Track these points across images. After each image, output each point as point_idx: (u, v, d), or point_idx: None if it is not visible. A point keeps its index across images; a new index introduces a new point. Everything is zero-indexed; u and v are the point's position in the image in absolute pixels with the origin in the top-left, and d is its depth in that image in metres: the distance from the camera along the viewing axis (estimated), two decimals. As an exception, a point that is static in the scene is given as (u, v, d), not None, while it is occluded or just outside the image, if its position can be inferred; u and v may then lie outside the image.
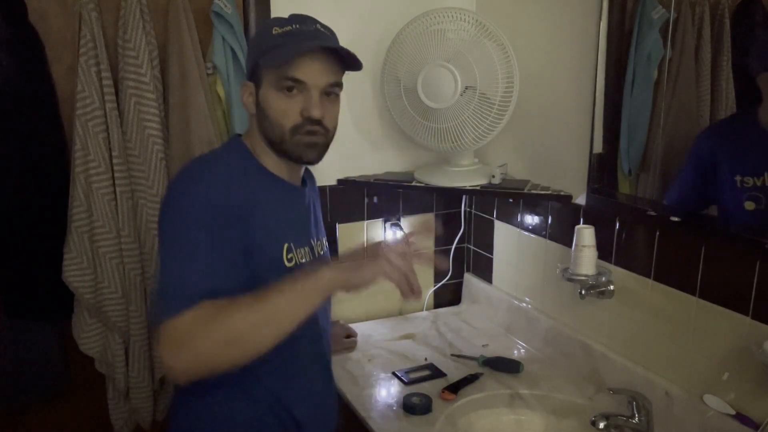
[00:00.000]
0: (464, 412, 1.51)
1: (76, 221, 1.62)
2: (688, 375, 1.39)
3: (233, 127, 1.71)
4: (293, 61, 1.11)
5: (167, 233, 1.09)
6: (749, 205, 1.24)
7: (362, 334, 1.90)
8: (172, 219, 1.09)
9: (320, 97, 1.15)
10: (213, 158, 1.19)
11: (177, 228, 1.07)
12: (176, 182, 1.15)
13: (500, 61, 1.65)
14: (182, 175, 1.14)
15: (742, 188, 1.25)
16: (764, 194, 1.22)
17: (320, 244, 1.31)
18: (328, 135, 1.20)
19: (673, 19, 1.33)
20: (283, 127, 1.15)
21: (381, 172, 1.98)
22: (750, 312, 1.24)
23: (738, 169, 1.26)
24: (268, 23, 1.19)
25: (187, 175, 1.13)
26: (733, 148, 1.30)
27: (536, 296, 1.86)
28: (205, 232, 1.05)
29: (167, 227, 1.09)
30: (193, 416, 1.21)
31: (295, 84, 1.13)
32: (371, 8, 1.87)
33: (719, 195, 1.31)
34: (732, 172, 1.27)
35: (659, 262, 1.44)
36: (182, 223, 1.07)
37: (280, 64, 1.12)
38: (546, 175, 1.78)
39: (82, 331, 1.70)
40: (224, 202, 1.08)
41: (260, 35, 1.20)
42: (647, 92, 1.42)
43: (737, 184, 1.26)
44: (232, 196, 1.10)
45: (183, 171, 1.15)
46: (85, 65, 1.56)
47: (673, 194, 1.44)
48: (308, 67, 1.13)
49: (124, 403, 1.78)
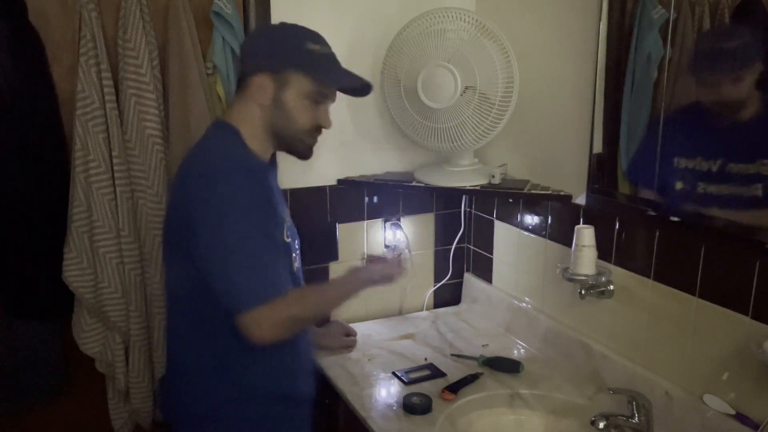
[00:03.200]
0: (464, 412, 1.51)
1: (76, 221, 1.62)
2: (688, 375, 1.39)
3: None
4: (341, 86, 1.37)
5: (230, 226, 1.22)
6: (679, 185, 1.36)
7: (362, 333, 1.90)
8: (230, 212, 1.23)
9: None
10: (224, 148, 1.32)
11: (242, 220, 1.23)
12: (213, 172, 1.26)
13: (500, 61, 1.65)
14: (215, 166, 1.27)
15: (677, 168, 1.36)
16: (692, 175, 1.33)
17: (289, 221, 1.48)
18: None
19: (673, 19, 1.33)
20: (302, 127, 1.34)
21: (381, 172, 1.98)
22: (750, 312, 1.24)
23: (677, 150, 1.35)
24: (297, 33, 1.36)
25: (220, 166, 1.26)
26: (676, 132, 1.36)
27: (536, 296, 1.86)
28: (268, 223, 1.28)
29: (226, 220, 1.22)
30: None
31: (325, 99, 1.36)
32: (371, 8, 1.87)
33: (662, 174, 1.40)
34: (672, 154, 1.36)
35: (659, 262, 1.44)
36: (246, 215, 1.24)
37: (330, 84, 1.35)
38: (546, 175, 1.78)
39: (82, 331, 1.70)
40: (261, 189, 1.29)
41: (293, 44, 1.34)
42: (647, 92, 1.42)
43: (674, 164, 1.36)
44: (261, 183, 1.30)
45: (208, 161, 1.28)
46: (85, 65, 1.56)
47: (631, 171, 1.51)
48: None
49: (124, 403, 1.78)
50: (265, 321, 1.22)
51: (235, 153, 1.31)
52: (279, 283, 1.26)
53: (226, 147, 1.31)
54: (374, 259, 1.61)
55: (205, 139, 1.36)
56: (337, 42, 1.83)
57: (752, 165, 1.23)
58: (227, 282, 1.23)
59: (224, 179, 1.24)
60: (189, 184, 1.28)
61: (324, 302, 1.44)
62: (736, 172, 1.26)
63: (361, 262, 1.57)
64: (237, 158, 1.30)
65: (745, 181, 1.24)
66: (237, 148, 1.31)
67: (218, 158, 1.29)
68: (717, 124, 1.32)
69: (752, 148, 1.23)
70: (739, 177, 1.25)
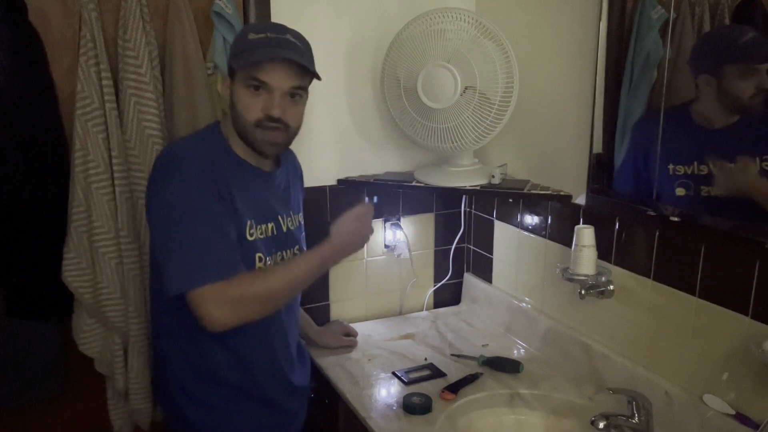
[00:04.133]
0: (464, 412, 1.51)
1: (76, 221, 1.62)
2: (688, 375, 1.39)
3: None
4: (260, 65, 1.28)
5: (180, 206, 1.24)
6: (680, 191, 1.36)
7: (362, 334, 1.90)
8: (182, 193, 1.24)
9: (283, 98, 1.31)
10: (194, 142, 1.38)
11: (191, 201, 1.24)
12: (171, 159, 1.30)
13: (500, 61, 1.65)
14: (177, 152, 1.32)
15: (674, 176, 1.36)
16: (693, 181, 1.34)
17: (291, 220, 1.48)
18: (289, 131, 1.36)
19: (673, 19, 1.33)
20: (247, 120, 1.31)
21: (381, 172, 1.98)
22: (749, 312, 1.24)
23: (671, 158, 1.36)
24: (247, 28, 1.36)
25: (182, 153, 1.31)
26: (666, 138, 1.38)
27: (536, 296, 1.86)
28: (221, 206, 1.27)
29: (180, 200, 1.24)
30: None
31: (260, 84, 1.29)
32: (371, 8, 1.87)
33: (656, 182, 1.41)
34: (665, 161, 1.37)
35: (659, 262, 1.44)
36: (199, 196, 1.25)
37: (249, 67, 1.28)
38: (546, 175, 1.78)
39: (82, 332, 1.70)
40: (214, 181, 1.28)
41: (239, 38, 1.35)
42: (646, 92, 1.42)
43: (670, 172, 1.37)
44: (218, 176, 1.29)
45: (173, 149, 1.35)
46: (85, 65, 1.56)
47: (619, 180, 1.52)
48: (272, 71, 1.29)
49: (124, 403, 1.77)
50: (212, 300, 1.21)
51: (199, 146, 1.34)
52: (230, 265, 1.25)
53: (197, 140, 1.37)
54: (338, 222, 1.43)
55: (190, 134, 1.45)
56: (337, 42, 1.85)
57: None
58: (172, 262, 1.23)
59: (176, 166, 1.28)
60: (150, 180, 1.33)
61: (288, 278, 1.33)
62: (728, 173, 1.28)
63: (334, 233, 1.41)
64: (198, 150, 1.32)
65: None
66: (205, 144, 1.35)
67: (179, 148, 1.34)
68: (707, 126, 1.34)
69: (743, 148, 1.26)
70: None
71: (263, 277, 1.33)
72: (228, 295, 1.23)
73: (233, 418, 1.42)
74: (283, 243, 1.44)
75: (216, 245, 1.25)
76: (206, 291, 1.21)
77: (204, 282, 1.21)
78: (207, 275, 1.22)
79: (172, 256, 1.23)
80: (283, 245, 1.45)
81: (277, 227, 1.43)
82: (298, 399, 1.54)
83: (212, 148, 1.34)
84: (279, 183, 1.47)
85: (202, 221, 1.25)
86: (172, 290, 1.22)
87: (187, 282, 1.22)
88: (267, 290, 1.30)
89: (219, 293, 1.22)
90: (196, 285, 1.21)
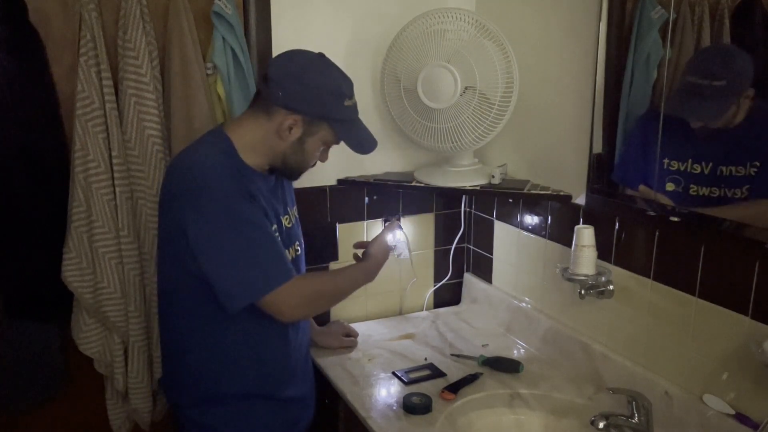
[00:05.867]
0: (464, 411, 1.51)
1: (76, 221, 1.62)
2: (688, 375, 1.39)
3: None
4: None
5: (229, 221, 1.30)
6: (670, 186, 1.38)
7: (362, 333, 1.90)
8: (227, 209, 1.30)
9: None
10: (212, 155, 1.36)
11: (237, 214, 1.30)
12: (201, 178, 1.31)
13: (500, 61, 1.65)
14: (204, 171, 1.32)
15: (668, 170, 1.38)
16: (684, 178, 1.35)
17: (288, 218, 1.52)
18: None
19: (673, 20, 1.33)
20: (308, 164, 1.46)
21: (381, 172, 1.98)
22: (749, 312, 1.25)
23: (667, 152, 1.37)
24: (340, 86, 1.39)
25: (209, 171, 1.32)
26: (665, 133, 1.38)
27: (536, 296, 1.86)
28: (259, 211, 1.34)
29: (227, 216, 1.30)
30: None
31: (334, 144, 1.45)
32: (371, 8, 1.87)
33: (649, 174, 1.42)
34: (662, 155, 1.38)
35: (659, 262, 1.44)
36: (241, 208, 1.31)
37: (353, 149, 1.44)
38: (546, 175, 1.78)
39: (81, 332, 1.70)
40: (245, 190, 1.34)
41: (334, 99, 1.38)
42: (646, 92, 1.42)
43: (664, 166, 1.38)
44: (244, 185, 1.35)
45: (196, 168, 1.33)
46: (85, 65, 1.56)
47: (618, 171, 1.53)
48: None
49: (123, 403, 1.78)
50: (290, 297, 1.34)
51: (219, 162, 1.34)
52: (288, 262, 1.37)
53: (215, 156, 1.35)
54: (365, 244, 1.64)
55: (199, 144, 1.40)
56: (337, 42, 1.84)
57: (743, 168, 1.25)
58: (234, 280, 1.31)
59: (209, 195, 1.30)
60: (179, 197, 1.33)
61: (342, 281, 1.51)
62: (726, 174, 1.28)
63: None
64: (222, 163, 1.34)
65: (734, 184, 1.26)
66: (221, 156, 1.35)
67: (204, 170, 1.33)
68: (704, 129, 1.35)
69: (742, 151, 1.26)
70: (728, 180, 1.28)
71: (329, 277, 1.57)
72: (304, 290, 1.38)
73: (247, 414, 1.45)
74: (286, 241, 1.47)
75: (274, 248, 1.34)
76: (282, 291, 1.32)
77: (278, 284, 1.32)
78: (279, 276, 1.32)
79: (234, 270, 1.30)
80: (287, 243, 1.47)
81: (281, 227, 1.46)
82: (307, 400, 1.58)
83: (228, 158, 1.36)
84: (275, 182, 1.50)
85: (251, 229, 1.32)
86: (242, 301, 1.31)
87: (256, 291, 1.31)
88: (334, 289, 1.48)
89: (295, 289, 1.35)
90: (271, 289, 1.31)
